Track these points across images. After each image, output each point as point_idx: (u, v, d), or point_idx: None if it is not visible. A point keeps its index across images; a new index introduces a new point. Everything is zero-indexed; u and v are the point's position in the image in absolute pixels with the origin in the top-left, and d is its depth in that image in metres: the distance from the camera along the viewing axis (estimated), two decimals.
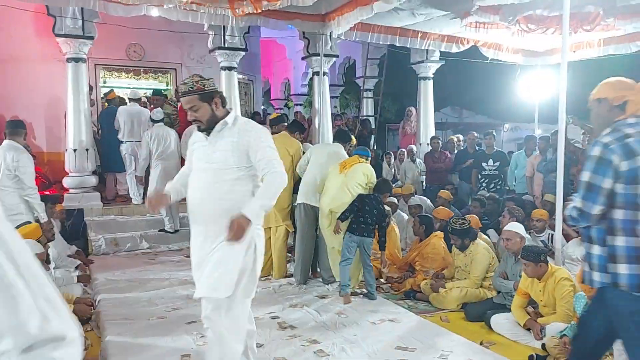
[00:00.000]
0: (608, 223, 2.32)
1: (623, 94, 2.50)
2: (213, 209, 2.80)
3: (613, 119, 2.48)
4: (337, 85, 13.77)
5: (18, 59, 8.64)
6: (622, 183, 2.27)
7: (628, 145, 2.29)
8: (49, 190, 7.99)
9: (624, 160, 2.27)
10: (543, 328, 3.83)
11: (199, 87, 2.79)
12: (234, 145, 2.79)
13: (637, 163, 2.27)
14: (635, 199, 2.27)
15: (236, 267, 2.80)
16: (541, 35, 7.53)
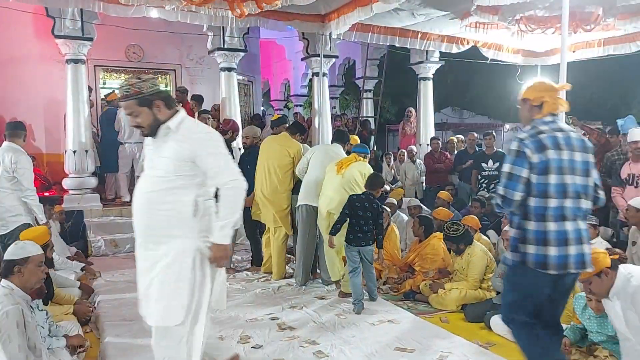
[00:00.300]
0: (523, 209, 2.65)
1: (541, 95, 2.79)
2: (149, 219, 2.62)
3: (533, 117, 2.80)
4: (337, 86, 13.76)
5: (18, 60, 8.64)
6: (534, 174, 2.60)
7: (540, 141, 2.62)
8: (49, 192, 7.99)
9: (535, 154, 2.60)
10: None
11: (135, 90, 2.54)
12: (176, 152, 2.57)
13: (547, 156, 2.59)
14: (545, 187, 2.60)
15: (185, 290, 2.59)
16: (541, 36, 7.53)
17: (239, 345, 3.75)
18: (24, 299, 3.10)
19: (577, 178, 2.65)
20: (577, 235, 2.62)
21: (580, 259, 2.63)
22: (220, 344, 3.79)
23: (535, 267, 2.60)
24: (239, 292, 5.18)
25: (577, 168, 2.66)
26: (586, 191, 2.70)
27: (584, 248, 2.65)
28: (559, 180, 2.60)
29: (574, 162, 2.65)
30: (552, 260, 2.57)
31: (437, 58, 9.84)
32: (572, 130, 2.77)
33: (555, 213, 2.60)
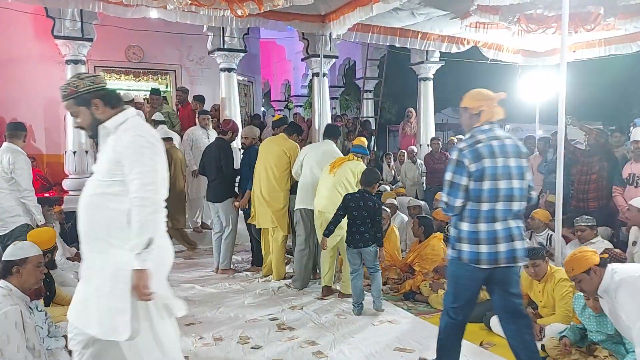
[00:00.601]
0: (460, 211, 2.90)
1: (480, 104, 3.00)
2: (88, 224, 2.44)
3: (473, 125, 2.99)
4: (338, 86, 13.76)
5: (18, 61, 8.64)
6: (472, 181, 2.84)
7: (477, 150, 2.84)
8: (49, 193, 7.99)
9: (472, 163, 2.83)
10: (542, 329, 3.81)
11: (71, 90, 2.42)
12: (108, 154, 2.39)
13: (483, 164, 2.82)
14: (480, 193, 2.84)
15: (127, 305, 2.29)
16: (541, 36, 7.51)
17: (238, 346, 3.75)
18: (23, 300, 3.09)
19: (512, 182, 2.88)
20: (506, 233, 2.88)
21: (511, 254, 2.90)
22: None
23: (469, 262, 2.90)
24: (239, 292, 5.17)
25: (511, 173, 2.89)
26: (520, 193, 2.93)
27: (515, 244, 2.91)
28: (492, 185, 2.84)
29: (509, 167, 2.88)
30: (484, 257, 2.87)
31: (438, 58, 9.83)
32: (508, 137, 2.98)
33: (487, 215, 2.86)
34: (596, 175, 5.86)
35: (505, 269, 2.92)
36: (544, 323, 3.88)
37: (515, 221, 2.93)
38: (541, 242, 5.16)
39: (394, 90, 16.06)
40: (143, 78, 10.08)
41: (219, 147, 5.90)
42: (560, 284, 3.87)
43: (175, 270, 5.98)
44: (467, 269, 2.92)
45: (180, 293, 5.11)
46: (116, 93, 2.53)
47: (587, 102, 16.11)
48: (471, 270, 2.91)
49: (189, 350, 3.68)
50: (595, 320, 3.34)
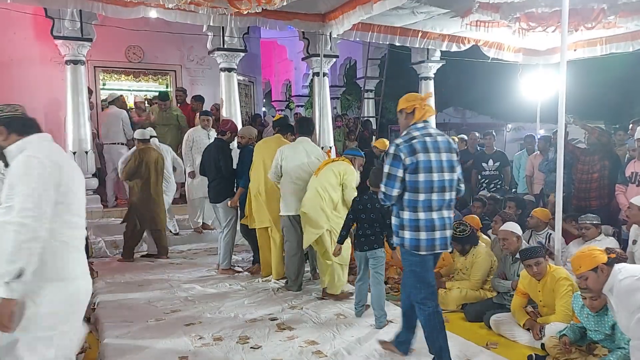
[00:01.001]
0: (400, 202, 3.20)
1: (412, 104, 3.29)
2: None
3: (409, 124, 3.29)
4: (338, 86, 13.74)
5: (18, 61, 8.64)
6: (408, 173, 3.14)
7: (412, 146, 3.15)
8: None
9: (407, 157, 3.12)
10: (542, 328, 3.80)
11: None
12: (7, 178, 2.31)
13: (417, 158, 3.12)
14: (416, 184, 3.14)
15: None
16: (542, 34, 7.49)
17: (238, 346, 3.74)
18: None
19: (444, 174, 3.19)
20: (441, 222, 3.21)
21: (444, 242, 3.24)
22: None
23: (410, 249, 3.20)
24: (239, 292, 5.17)
25: (443, 166, 3.20)
26: (451, 185, 3.26)
27: (447, 233, 3.25)
28: (426, 177, 3.15)
29: (441, 161, 3.19)
30: (422, 244, 3.17)
31: (438, 57, 9.81)
32: (440, 134, 3.28)
33: (424, 205, 3.17)
34: (598, 174, 5.86)
35: (438, 255, 3.30)
36: (543, 322, 3.87)
37: (447, 211, 3.26)
38: (540, 241, 5.14)
39: (395, 90, 16.00)
40: (143, 78, 10.08)
41: (217, 147, 5.89)
42: (559, 282, 3.86)
43: (175, 270, 6.03)
44: (418, 258, 3.21)
45: (181, 293, 5.12)
46: (27, 121, 2.48)
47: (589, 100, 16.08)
48: (420, 258, 3.21)
49: (188, 350, 3.68)
50: (593, 319, 3.33)
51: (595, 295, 3.10)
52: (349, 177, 4.68)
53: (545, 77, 9.43)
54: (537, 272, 3.90)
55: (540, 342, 3.74)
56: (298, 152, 5.15)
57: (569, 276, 3.95)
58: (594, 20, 6.75)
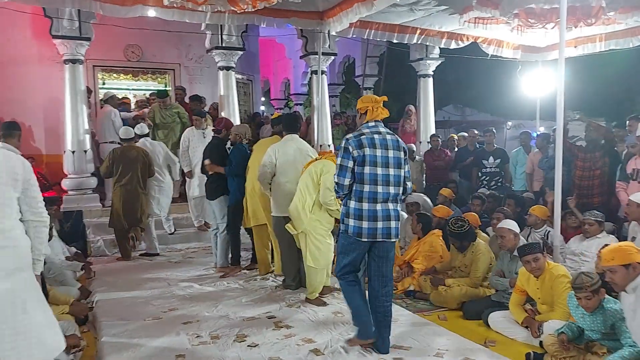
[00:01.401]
0: (349, 192, 3.50)
1: (365, 105, 3.62)
2: None
3: (362, 123, 3.63)
4: (337, 84, 13.73)
5: (17, 61, 8.65)
6: (356, 165, 3.43)
7: (360, 140, 3.46)
8: (48, 192, 7.99)
9: (355, 150, 3.43)
10: (540, 326, 3.79)
11: None
12: None
13: (364, 152, 3.43)
14: (362, 176, 3.44)
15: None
16: (541, 31, 7.46)
17: (235, 344, 3.73)
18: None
19: (389, 169, 3.49)
20: (384, 214, 3.48)
21: (387, 232, 3.49)
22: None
23: (353, 235, 3.48)
24: (237, 290, 5.16)
25: (389, 162, 3.49)
26: (397, 180, 3.53)
27: (391, 223, 3.50)
28: (372, 170, 3.44)
29: (387, 157, 3.48)
30: (365, 231, 3.45)
31: (437, 55, 9.78)
32: (390, 133, 3.58)
33: (369, 196, 3.44)
34: (600, 171, 5.86)
35: (382, 243, 3.53)
36: (542, 319, 3.85)
37: (393, 204, 3.53)
38: (539, 238, 5.13)
39: (394, 88, 16.01)
40: (142, 77, 10.09)
41: (212, 145, 5.92)
42: (558, 280, 3.84)
43: (173, 269, 6.03)
44: (352, 241, 3.52)
45: (178, 292, 5.11)
46: None
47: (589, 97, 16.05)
48: (355, 242, 3.51)
49: (185, 348, 3.68)
50: (589, 318, 3.32)
51: (619, 290, 3.08)
52: (326, 177, 4.46)
53: (544, 74, 9.40)
54: (535, 269, 3.89)
55: (538, 340, 3.73)
56: (289, 151, 5.06)
57: (568, 273, 3.93)
58: (594, 17, 6.72)
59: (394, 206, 3.54)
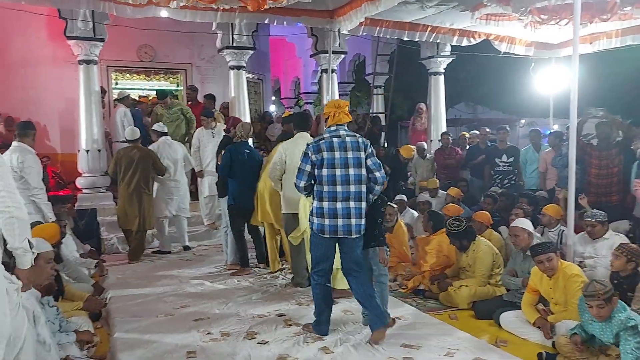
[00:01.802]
0: (313, 192, 3.80)
1: (329, 111, 3.87)
2: None
3: (325, 127, 3.89)
4: (347, 82, 13.70)
5: (32, 62, 8.79)
6: (315, 168, 3.73)
7: (319, 145, 3.74)
8: (63, 191, 8.11)
9: (314, 154, 3.72)
10: (553, 326, 3.76)
11: None
12: None
13: (322, 156, 3.70)
14: (320, 178, 3.73)
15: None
16: (554, 27, 7.38)
17: (245, 341, 3.76)
18: (34, 295, 3.13)
19: (348, 170, 3.71)
20: (345, 212, 3.70)
21: (347, 228, 3.71)
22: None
23: (317, 232, 3.74)
24: (247, 288, 5.19)
25: (348, 163, 3.72)
26: (356, 178, 3.74)
27: (352, 220, 3.71)
28: (330, 172, 3.70)
29: (346, 158, 3.71)
30: (326, 228, 3.71)
31: (449, 52, 9.72)
32: (350, 135, 3.82)
33: (329, 195, 3.70)
34: (617, 169, 5.80)
35: (344, 239, 3.76)
36: (555, 320, 3.82)
37: (355, 202, 3.72)
38: (553, 237, 5.08)
39: (404, 86, 15.98)
40: (155, 77, 10.18)
41: (223, 145, 5.96)
42: (571, 279, 3.81)
43: (186, 266, 6.08)
44: (317, 237, 3.78)
45: (190, 289, 5.16)
46: None
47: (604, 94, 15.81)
48: (319, 238, 3.77)
49: (196, 345, 3.71)
50: (598, 326, 3.24)
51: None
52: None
53: (558, 71, 9.30)
54: (549, 268, 3.85)
55: (551, 340, 3.70)
56: (299, 148, 4.94)
57: (581, 273, 3.91)
58: (609, 12, 6.62)
59: (356, 204, 3.73)
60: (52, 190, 7.29)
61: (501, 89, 18.98)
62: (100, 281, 5.47)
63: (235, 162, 5.62)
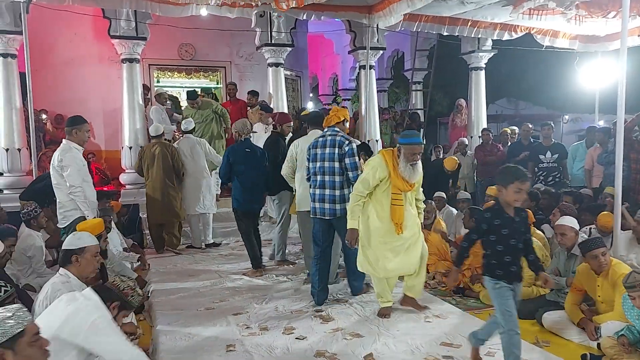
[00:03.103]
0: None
1: (329, 116, 4.67)
2: None
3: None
4: (386, 78, 13.60)
5: (79, 61, 9.10)
6: (310, 162, 4.60)
7: (314, 143, 4.60)
8: (107, 186, 8.37)
9: (310, 150, 4.63)
10: (598, 327, 3.63)
11: None
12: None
13: (314, 152, 4.55)
14: (309, 170, 4.63)
15: None
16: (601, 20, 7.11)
17: (283, 336, 3.79)
18: (81, 288, 3.23)
19: (325, 163, 4.44)
20: (320, 197, 4.47)
21: (322, 211, 4.47)
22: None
23: (311, 213, 4.62)
24: (285, 283, 5.24)
25: (325, 157, 4.44)
26: (332, 171, 4.42)
27: (325, 205, 4.44)
28: (313, 165, 4.54)
29: (324, 154, 4.45)
30: (312, 210, 4.57)
31: (490, 47, 9.52)
32: (332, 135, 4.48)
33: (314, 184, 4.53)
34: None
35: (321, 220, 4.50)
36: (600, 320, 3.69)
37: (329, 190, 4.42)
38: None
39: (444, 81, 15.72)
40: (195, 75, 10.36)
41: (270, 141, 5.94)
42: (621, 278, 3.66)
43: (224, 261, 6.18)
44: (313, 220, 4.62)
45: (229, 284, 5.24)
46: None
47: None
48: (312, 218, 4.64)
49: (235, 339, 3.76)
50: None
51: None
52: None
53: (604, 65, 8.96)
54: (604, 264, 3.69)
55: (595, 342, 3.58)
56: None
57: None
58: None
59: (329, 192, 4.43)
60: (96, 187, 7.52)
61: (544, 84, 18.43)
62: (142, 275, 5.63)
63: (235, 165, 5.54)
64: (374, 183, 4.02)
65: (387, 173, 3.99)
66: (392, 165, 3.98)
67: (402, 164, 3.96)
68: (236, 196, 5.65)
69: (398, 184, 3.99)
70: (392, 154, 4.06)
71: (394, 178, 3.99)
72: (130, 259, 5.93)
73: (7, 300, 3.27)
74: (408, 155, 3.94)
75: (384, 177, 4.01)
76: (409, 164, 3.94)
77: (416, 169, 3.99)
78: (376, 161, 4.09)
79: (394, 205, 4.03)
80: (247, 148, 5.61)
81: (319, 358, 3.42)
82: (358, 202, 4.06)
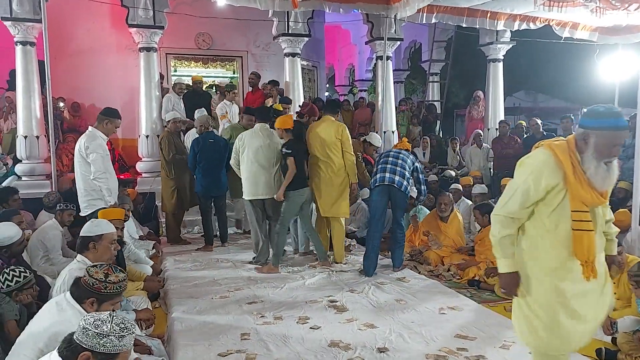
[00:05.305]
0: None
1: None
2: None
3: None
4: (403, 69, 13.50)
5: (97, 50, 9.14)
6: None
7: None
8: (124, 175, 8.45)
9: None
10: (614, 322, 3.60)
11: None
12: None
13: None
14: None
15: None
16: (622, 13, 6.95)
17: (297, 325, 3.81)
18: None
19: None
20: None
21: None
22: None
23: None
24: (299, 273, 5.25)
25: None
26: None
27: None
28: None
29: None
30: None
31: (508, 38, 9.40)
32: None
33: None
34: None
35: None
36: (616, 316, 3.66)
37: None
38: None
39: (461, 73, 15.58)
40: (212, 64, 10.38)
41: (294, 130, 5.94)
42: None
43: (240, 250, 6.23)
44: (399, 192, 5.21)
45: (244, 273, 5.28)
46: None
47: None
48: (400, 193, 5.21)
49: (250, 327, 3.79)
50: None
51: None
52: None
53: (625, 57, 8.78)
54: (621, 263, 3.67)
55: (610, 336, 3.55)
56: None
57: None
58: None
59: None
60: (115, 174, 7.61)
61: (563, 76, 18.17)
62: (158, 262, 5.69)
63: (200, 153, 6.07)
64: (536, 197, 2.40)
65: (560, 179, 2.35)
66: (571, 166, 2.34)
67: (591, 161, 2.33)
68: (201, 182, 6.18)
69: (582, 196, 2.34)
70: (567, 147, 2.39)
71: (575, 186, 2.33)
72: (146, 247, 6.00)
73: (25, 286, 3.35)
74: (602, 148, 2.30)
75: (555, 186, 2.36)
76: (603, 161, 2.32)
77: (612, 170, 2.34)
78: (539, 160, 2.41)
79: (577, 231, 2.36)
80: (211, 139, 6.17)
81: (333, 348, 3.43)
82: (510, 230, 2.48)
